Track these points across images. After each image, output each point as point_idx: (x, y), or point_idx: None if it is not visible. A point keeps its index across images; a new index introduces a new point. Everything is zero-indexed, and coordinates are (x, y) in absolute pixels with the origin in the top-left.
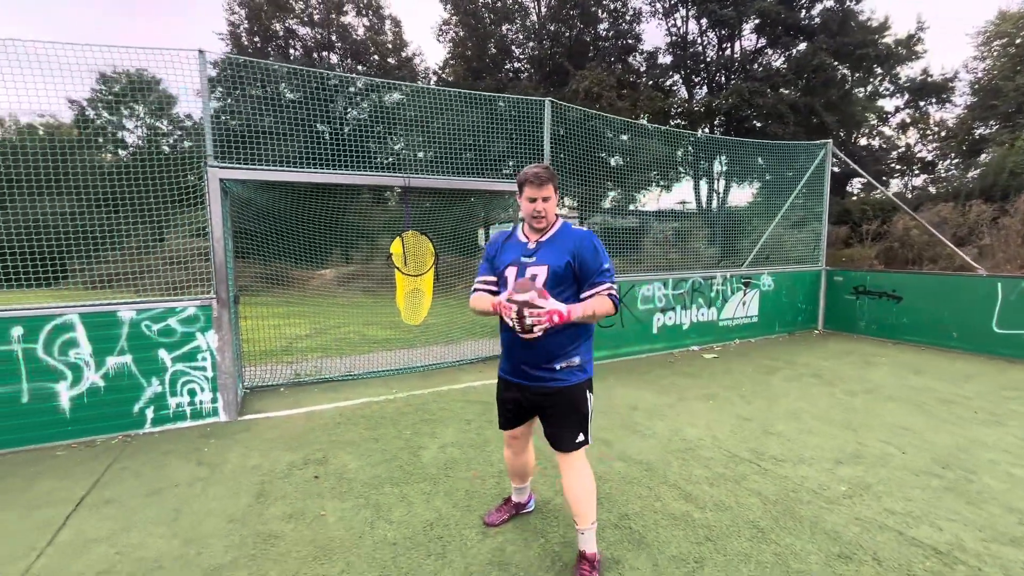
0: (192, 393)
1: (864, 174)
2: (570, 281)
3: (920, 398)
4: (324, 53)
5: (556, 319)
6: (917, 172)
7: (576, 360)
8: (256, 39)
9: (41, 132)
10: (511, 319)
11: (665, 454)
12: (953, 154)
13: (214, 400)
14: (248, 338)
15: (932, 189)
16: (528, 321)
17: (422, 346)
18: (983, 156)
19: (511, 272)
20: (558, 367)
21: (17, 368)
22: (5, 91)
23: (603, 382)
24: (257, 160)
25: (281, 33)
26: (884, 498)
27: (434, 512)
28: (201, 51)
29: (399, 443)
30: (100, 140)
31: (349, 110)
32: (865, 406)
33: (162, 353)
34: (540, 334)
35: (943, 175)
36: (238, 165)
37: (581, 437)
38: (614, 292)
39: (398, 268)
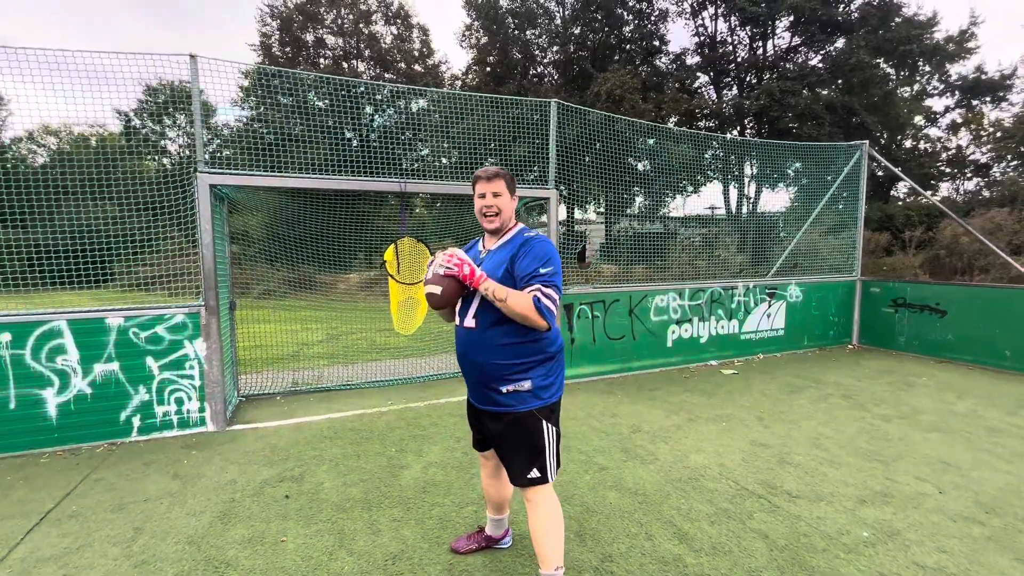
0: (179, 402)
1: (903, 176)
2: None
3: (964, 426)
4: (352, 62)
5: (465, 270)
6: (969, 175)
7: (525, 384)
8: (287, 49)
9: (93, 142)
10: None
11: (664, 484)
12: (1010, 156)
13: (201, 409)
14: (260, 343)
15: (987, 193)
16: (437, 259)
17: (432, 355)
18: None
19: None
20: (504, 390)
21: (5, 374)
22: (55, 101)
23: (609, 398)
24: (279, 167)
25: (311, 43)
26: (913, 548)
27: (400, 543)
28: (192, 56)
29: (381, 461)
30: (143, 148)
31: (376, 117)
32: (899, 434)
33: (149, 361)
34: (436, 290)
35: (999, 178)
36: (227, 171)
37: (535, 473)
38: (541, 296)
39: (392, 276)
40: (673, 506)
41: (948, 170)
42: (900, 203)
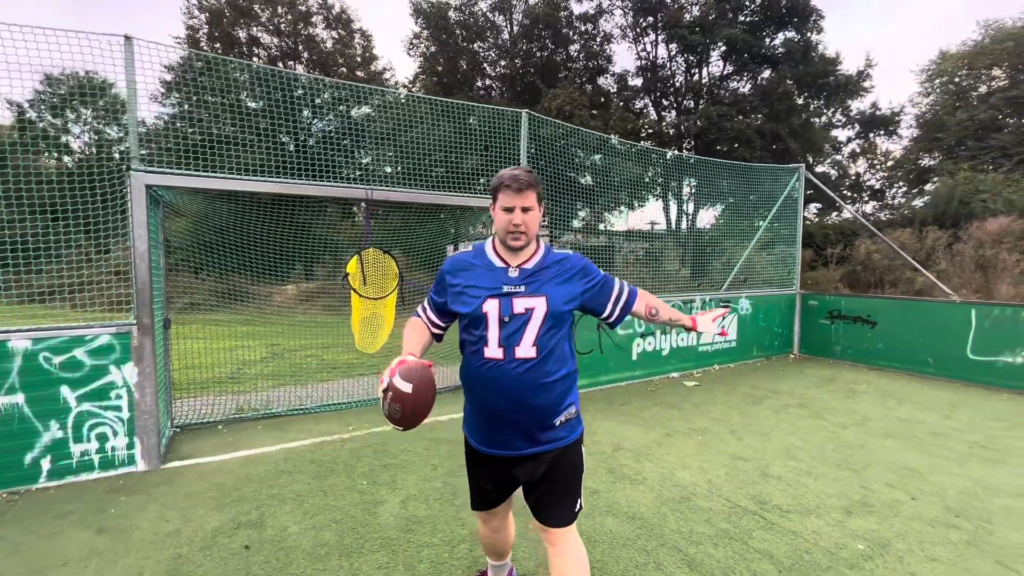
0: (102, 438)
1: (839, 200)
2: (566, 323)
3: (911, 431)
4: (290, 63)
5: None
6: (867, 199)
7: (574, 409)
8: (217, 45)
9: None
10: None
11: (659, 505)
12: (901, 183)
13: (130, 446)
14: (193, 364)
15: (881, 216)
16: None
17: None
18: (928, 185)
19: (492, 307)
20: (557, 422)
21: None
22: None
23: (584, 415)
24: (212, 168)
25: (244, 40)
26: (907, 558)
27: None
28: (127, 37)
29: (353, 497)
30: (42, 144)
31: (315, 122)
32: (859, 441)
33: (64, 391)
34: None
35: (890, 202)
36: (167, 170)
37: (580, 503)
38: (634, 288)
39: (354, 290)
40: (673, 529)
41: (849, 194)
42: (811, 222)
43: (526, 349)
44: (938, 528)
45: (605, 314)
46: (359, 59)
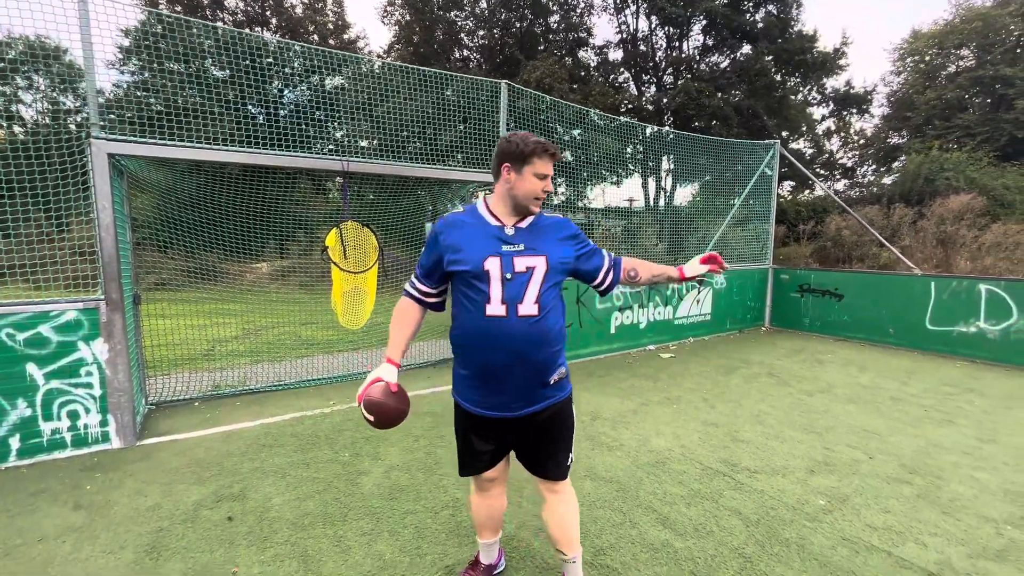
0: (74, 416)
1: (813, 178)
2: (561, 277)
3: (872, 397)
4: (257, 29)
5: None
6: (839, 177)
7: (564, 369)
8: (178, 8)
9: None
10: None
11: (635, 469)
12: (871, 161)
13: (103, 423)
14: (163, 342)
15: (851, 193)
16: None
17: (366, 349)
18: (896, 163)
19: (494, 265)
20: (552, 380)
21: None
22: None
23: None
24: (177, 138)
25: (207, 2)
26: (863, 511)
27: (376, 560)
28: None
29: (335, 468)
30: None
31: (287, 92)
32: (823, 407)
33: (31, 368)
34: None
35: (860, 180)
36: (130, 138)
37: (571, 459)
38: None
39: (335, 263)
40: (648, 491)
41: (822, 172)
42: (785, 199)
43: (528, 306)
44: (892, 484)
45: (597, 281)
46: (331, 26)
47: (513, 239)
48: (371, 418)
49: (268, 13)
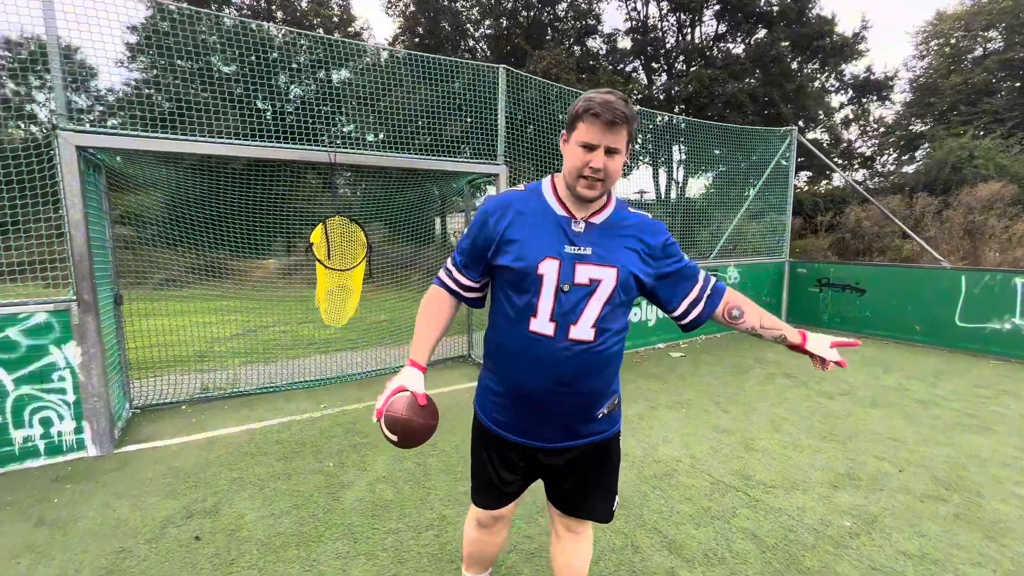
0: (47, 423)
1: (833, 167)
2: (631, 296)
3: (898, 400)
4: (264, 25)
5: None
6: (857, 167)
7: (616, 399)
8: (184, 3)
9: None
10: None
11: (639, 482)
12: (891, 149)
13: (78, 430)
14: (159, 342)
15: (870, 183)
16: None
17: (366, 348)
18: (919, 151)
19: (550, 270)
20: (600, 414)
21: None
22: None
23: None
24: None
25: None
26: (894, 535)
27: None
28: None
29: (318, 480)
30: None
31: (293, 88)
32: (845, 411)
33: None
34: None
35: (880, 170)
36: (100, 130)
37: (616, 501)
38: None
39: (320, 260)
40: (654, 508)
41: (840, 161)
42: (803, 189)
43: (584, 330)
44: (926, 502)
45: (679, 312)
46: (336, 20)
47: (582, 238)
48: (394, 438)
49: (274, 7)
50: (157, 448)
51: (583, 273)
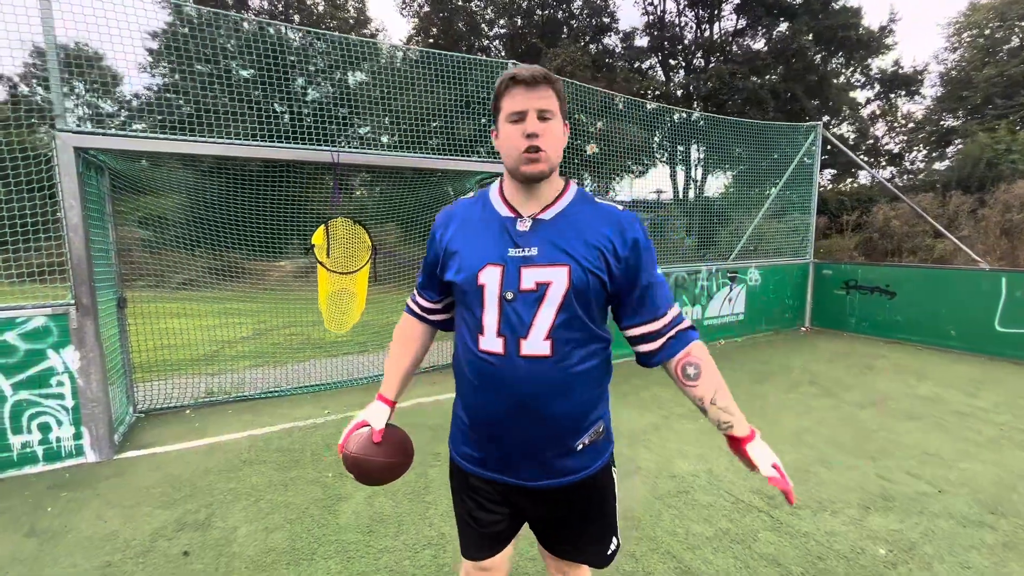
0: (45, 428)
1: (862, 164)
2: (599, 293)
3: (934, 411)
4: (282, 29)
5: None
6: (884, 164)
7: (602, 426)
8: (204, 9)
9: None
10: None
11: (653, 500)
12: (921, 145)
13: (77, 436)
14: (170, 343)
15: (898, 181)
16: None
17: (376, 351)
18: (951, 148)
19: (491, 278)
20: (578, 446)
21: None
22: None
23: None
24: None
25: (231, 2)
26: (936, 566)
27: None
28: None
29: (315, 491)
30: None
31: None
32: (877, 424)
33: None
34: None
35: (909, 167)
36: (99, 131)
37: (614, 543)
38: (689, 326)
39: (321, 263)
40: (668, 529)
41: (866, 159)
42: (828, 188)
43: (536, 343)
44: (970, 528)
45: (635, 335)
46: (352, 22)
47: (526, 238)
48: (351, 475)
49: (291, 11)
50: (156, 455)
51: (529, 277)
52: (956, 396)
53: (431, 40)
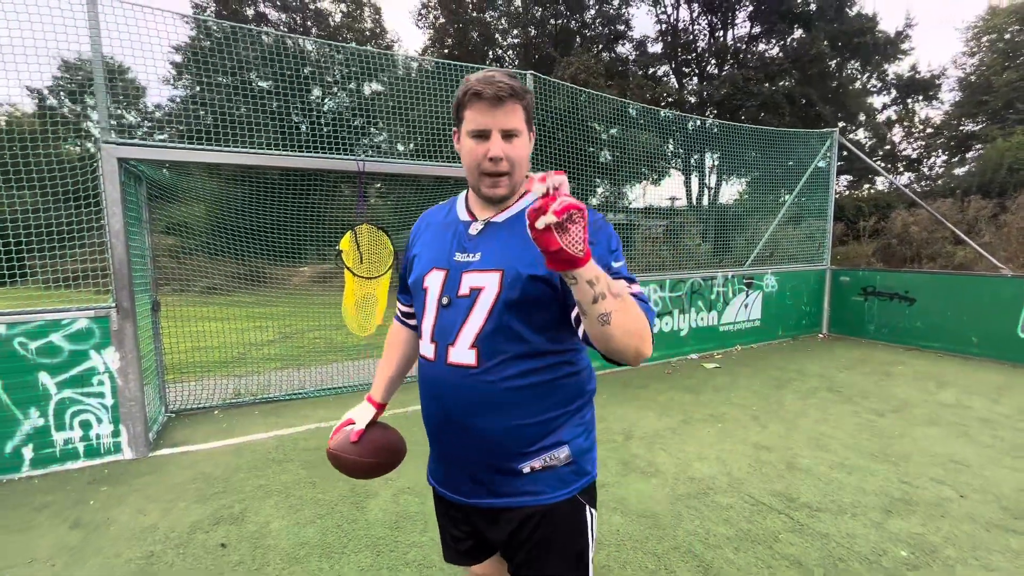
0: (86, 426)
1: (880, 170)
2: (546, 302)
3: (956, 418)
4: (300, 41)
5: (577, 219)
6: (902, 170)
7: (562, 452)
8: (225, 24)
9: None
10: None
11: (674, 501)
12: (940, 151)
13: (115, 434)
14: (200, 345)
15: (916, 187)
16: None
17: None
18: (970, 153)
19: (434, 282)
20: (524, 469)
21: None
22: None
23: (595, 398)
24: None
25: (251, 16)
26: (958, 568)
27: None
28: None
29: (343, 489)
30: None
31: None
32: (897, 429)
33: (43, 377)
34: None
35: (927, 173)
36: (140, 142)
37: None
38: (645, 296)
39: (349, 268)
40: (688, 530)
41: (883, 164)
42: (845, 194)
43: (462, 352)
44: (993, 532)
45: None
46: (368, 33)
47: (473, 243)
48: (342, 472)
49: (309, 23)
50: (188, 453)
51: (466, 283)
52: (979, 403)
53: (446, 51)
